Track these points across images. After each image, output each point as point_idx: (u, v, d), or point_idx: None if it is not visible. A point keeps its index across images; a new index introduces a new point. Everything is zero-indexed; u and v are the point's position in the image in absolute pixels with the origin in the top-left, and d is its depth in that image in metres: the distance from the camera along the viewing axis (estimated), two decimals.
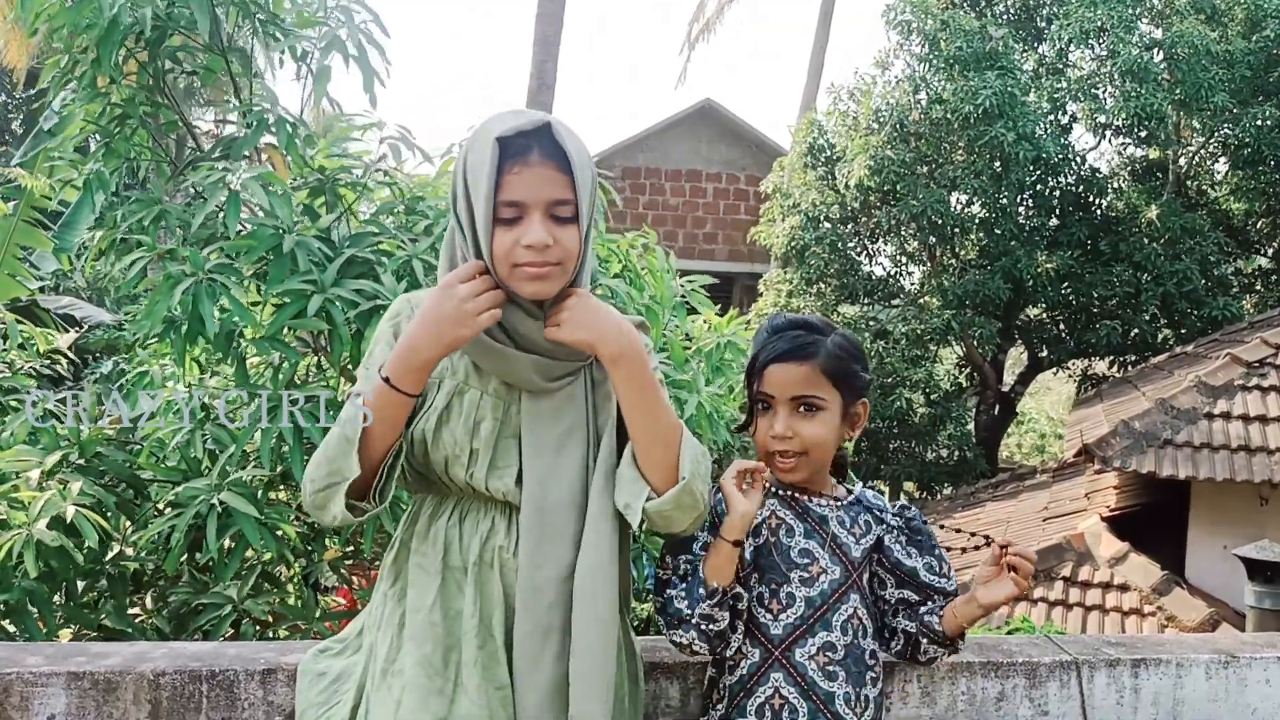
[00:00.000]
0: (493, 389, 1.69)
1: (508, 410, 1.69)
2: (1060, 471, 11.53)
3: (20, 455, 3.09)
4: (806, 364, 1.81)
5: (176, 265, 2.96)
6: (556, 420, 1.68)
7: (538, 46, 13.32)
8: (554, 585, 1.65)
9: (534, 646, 1.65)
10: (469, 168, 1.64)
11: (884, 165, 13.07)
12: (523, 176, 1.60)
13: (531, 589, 1.65)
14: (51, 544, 2.75)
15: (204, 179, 3.08)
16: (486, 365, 1.69)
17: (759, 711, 1.79)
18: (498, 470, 1.67)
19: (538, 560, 1.65)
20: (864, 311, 14.74)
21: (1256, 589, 6.33)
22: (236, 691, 1.98)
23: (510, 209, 1.60)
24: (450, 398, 1.69)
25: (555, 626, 1.65)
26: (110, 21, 3.07)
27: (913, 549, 1.91)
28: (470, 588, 1.67)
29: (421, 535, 1.73)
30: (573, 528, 1.67)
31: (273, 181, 3.10)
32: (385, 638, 1.72)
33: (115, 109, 3.37)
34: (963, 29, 12.75)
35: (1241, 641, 2.52)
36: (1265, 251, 15.06)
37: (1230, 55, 12.53)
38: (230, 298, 2.91)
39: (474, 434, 1.67)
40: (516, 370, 1.67)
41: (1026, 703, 2.26)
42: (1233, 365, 8.52)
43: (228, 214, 2.99)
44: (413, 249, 3.08)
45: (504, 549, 1.69)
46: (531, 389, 1.68)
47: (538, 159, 1.60)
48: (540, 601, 1.65)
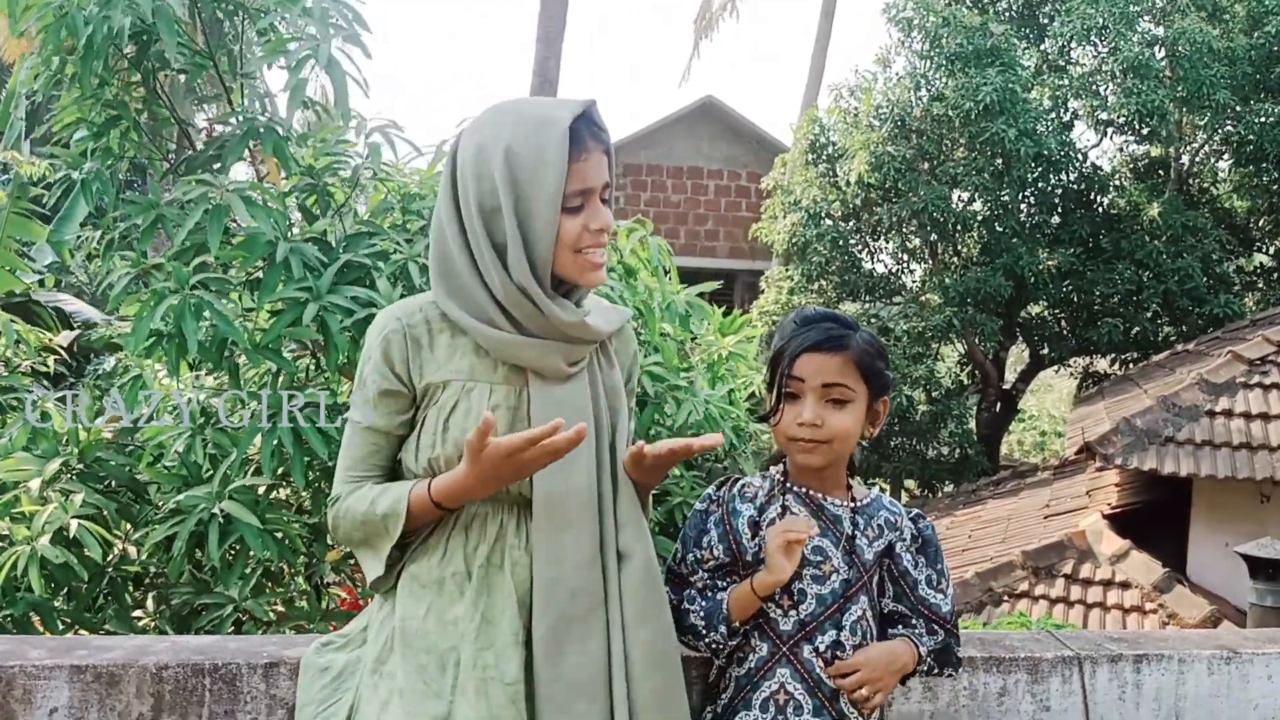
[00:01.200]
0: (501, 377, 1.69)
1: (519, 397, 1.69)
2: (1061, 469, 11.53)
3: (21, 464, 3.07)
4: (839, 355, 1.80)
5: (161, 281, 2.95)
6: (568, 406, 1.68)
7: (540, 43, 13.31)
8: (575, 574, 1.65)
9: (557, 637, 1.65)
10: (518, 157, 1.61)
11: (885, 162, 13.06)
12: (589, 163, 1.63)
13: (550, 581, 1.65)
14: (56, 560, 2.75)
15: (185, 193, 3.07)
16: (508, 355, 1.67)
17: (764, 705, 1.80)
18: None
19: (555, 553, 1.65)
20: (865, 309, 14.72)
21: (1258, 586, 6.33)
22: (239, 685, 1.98)
23: (579, 197, 1.63)
24: (458, 396, 1.68)
25: (578, 615, 1.65)
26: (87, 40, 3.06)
27: (921, 558, 1.92)
28: (472, 591, 1.66)
29: (422, 543, 1.71)
30: (588, 517, 1.67)
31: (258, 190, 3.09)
32: (379, 639, 1.72)
33: (106, 109, 3.35)
34: (964, 26, 12.74)
35: (1244, 637, 2.52)
36: (1267, 249, 15.04)
37: (1232, 52, 12.51)
38: (215, 312, 2.89)
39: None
40: (544, 357, 1.67)
41: (1029, 698, 2.26)
42: (1234, 363, 8.51)
43: (210, 230, 2.97)
44: (408, 251, 3.06)
45: (514, 547, 1.68)
46: (555, 375, 1.69)
47: (595, 144, 1.64)
48: (559, 593, 1.65)
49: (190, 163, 3.44)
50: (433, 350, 1.69)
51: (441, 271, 1.69)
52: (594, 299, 1.80)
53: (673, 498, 3.54)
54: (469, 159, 1.65)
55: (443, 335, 1.70)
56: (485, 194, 1.63)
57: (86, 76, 3.15)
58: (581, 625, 1.66)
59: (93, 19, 3.04)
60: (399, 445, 1.73)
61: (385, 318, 1.73)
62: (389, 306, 1.78)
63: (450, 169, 1.69)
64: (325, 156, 3.33)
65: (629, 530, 1.73)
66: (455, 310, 1.68)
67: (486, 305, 1.66)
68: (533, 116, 1.62)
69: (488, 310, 1.66)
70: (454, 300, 1.68)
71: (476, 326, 1.66)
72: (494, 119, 1.66)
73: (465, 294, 1.67)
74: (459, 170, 1.67)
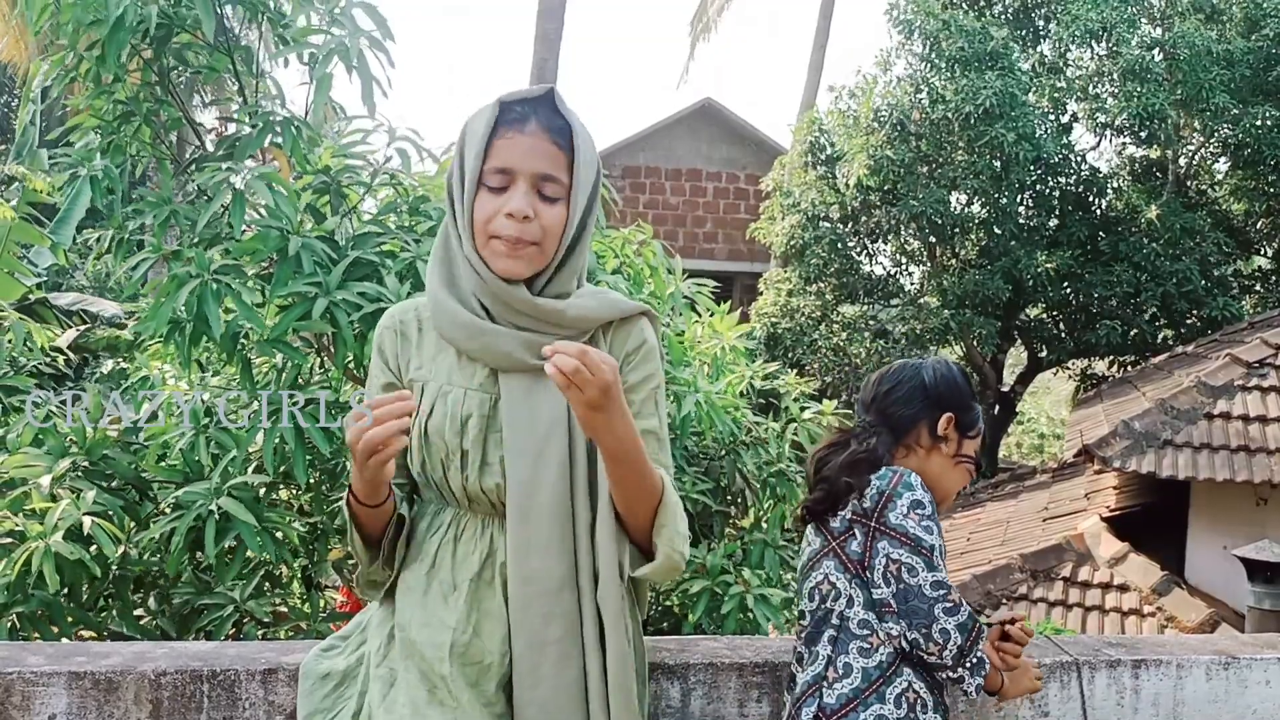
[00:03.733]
0: (477, 384, 1.65)
1: (494, 405, 1.64)
2: (1060, 471, 11.52)
3: (28, 460, 3.08)
4: None
5: (182, 266, 2.96)
6: (538, 406, 1.61)
7: (539, 43, 13.29)
8: (545, 599, 1.60)
9: (530, 661, 1.61)
10: (467, 133, 1.62)
11: (884, 165, 13.07)
12: (515, 143, 1.58)
13: (522, 604, 1.61)
14: (70, 556, 2.75)
15: (209, 179, 3.08)
16: (471, 347, 1.63)
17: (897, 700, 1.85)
18: (489, 467, 1.63)
19: (525, 574, 1.61)
20: (864, 311, 14.73)
21: (1256, 589, 6.33)
22: (237, 691, 1.98)
23: (498, 176, 1.58)
24: (434, 400, 1.66)
25: (551, 640, 1.61)
26: (116, 20, 3.07)
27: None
28: (463, 604, 1.63)
29: (414, 548, 1.70)
30: (559, 536, 1.61)
31: (277, 182, 3.10)
32: (375, 643, 1.71)
33: (119, 106, 3.37)
34: (964, 29, 12.75)
35: (1242, 642, 2.52)
36: (1265, 252, 15.05)
37: (1230, 55, 12.53)
38: (237, 299, 2.91)
39: (463, 434, 1.63)
40: (501, 346, 1.61)
41: (1027, 703, 2.26)
42: (1233, 365, 8.52)
43: (233, 215, 2.99)
44: (416, 250, 3.08)
45: (505, 565, 1.65)
46: (518, 368, 1.62)
47: (534, 128, 1.58)
48: (531, 616, 1.60)
49: (201, 160, 3.46)
50: (419, 347, 1.70)
51: (440, 258, 1.68)
52: (600, 291, 1.73)
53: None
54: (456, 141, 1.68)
55: (430, 333, 1.70)
56: (451, 174, 1.66)
57: (110, 65, 3.16)
58: (556, 648, 1.61)
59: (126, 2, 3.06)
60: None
61: (386, 316, 1.76)
62: (393, 308, 1.80)
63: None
64: (342, 158, 3.34)
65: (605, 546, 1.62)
66: (440, 290, 1.65)
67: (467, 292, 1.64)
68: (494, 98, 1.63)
69: (465, 295, 1.64)
70: (439, 278, 1.67)
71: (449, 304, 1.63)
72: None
73: (457, 283, 1.66)
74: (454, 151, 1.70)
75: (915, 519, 1.83)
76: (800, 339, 14.03)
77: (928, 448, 1.97)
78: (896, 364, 2.06)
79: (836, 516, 1.89)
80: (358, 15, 3.32)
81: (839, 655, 1.86)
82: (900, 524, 1.83)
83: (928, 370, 2.01)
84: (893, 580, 1.82)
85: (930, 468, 1.96)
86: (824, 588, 1.89)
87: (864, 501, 1.86)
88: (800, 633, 1.94)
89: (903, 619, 1.82)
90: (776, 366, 4.79)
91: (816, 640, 1.89)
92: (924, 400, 1.97)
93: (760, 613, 3.19)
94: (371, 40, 3.30)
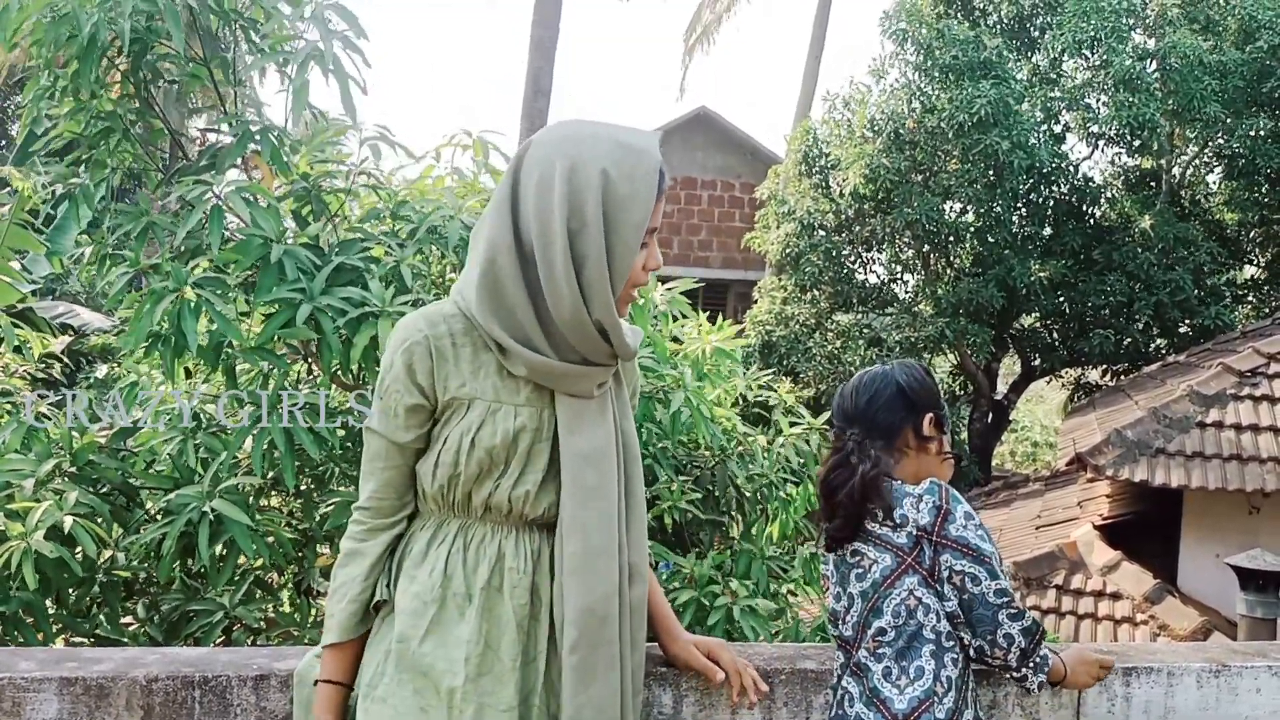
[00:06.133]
0: (524, 399, 1.68)
1: (541, 418, 1.69)
2: (1053, 479, 11.55)
3: (14, 463, 3.08)
4: None
5: (160, 280, 2.95)
6: (592, 419, 1.70)
7: (534, 52, 13.29)
8: (605, 601, 1.67)
9: (590, 666, 1.66)
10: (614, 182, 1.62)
11: (879, 173, 13.10)
12: (661, 205, 1.70)
13: (586, 609, 1.66)
14: (50, 555, 2.75)
15: (188, 192, 3.07)
16: (542, 378, 1.68)
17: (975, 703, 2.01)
18: (525, 478, 1.67)
19: (588, 582, 1.66)
20: (858, 319, 14.75)
21: (1248, 598, 6.35)
22: (229, 697, 1.98)
23: (649, 235, 1.68)
24: (483, 417, 1.66)
25: (603, 642, 1.67)
26: (89, 39, 3.05)
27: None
28: (475, 615, 1.65)
29: (416, 561, 1.70)
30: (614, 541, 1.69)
31: (258, 193, 3.10)
32: (371, 660, 1.70)
33: (98, 121, 3.35)
34: (957, 38, 12.79)
35: (1233, 650, 2.53)
36: (1258, 261, 15.09)
37: (1223, 66, 12.58)
38: (215, 312, 2.90)
39: (512, 447, 1.66)
40: (579, 382, 1.69)
41: (1019, 711, 2.26)
42: (1225, 374, 8.54)
43: (210, 229, 2.98)
44: (399, 254, 3.09)
45: (514, 570, 1.67)
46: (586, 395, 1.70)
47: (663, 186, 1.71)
48: (593, 620, 1.66)
49: (183, 171, 3.46)
50: (456, 364, 1.67)
51: (490, 291, 1.64)
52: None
53: (662, 501, 3.53)
54: (554, 176, 1.60)
55: (465, 349, 1.67)
56: (574, 211, 1.60)
57: (85, 82, 3.15)
58: (607, 650, 1.68)
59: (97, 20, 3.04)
60: (416, 459, 1.72)
61: (408, 328, 1.69)
62: (410, 315, 1.74)
63: (510, 189, 1.64)
64: (320, 164, 3.34)
65: (637, 549, 1.75)
66: (497, 330, 1.64)
67: (530, 328, 1.64)
68: (627, 144, 1.65)
69: (529, 332, 1.64)
70: (496, 319, 1.65)
71: (516, 349, 1.64)
72: (584, 139, 1.64)
73: (510, 315, 1.64)
74: (522, 189, 1.63)
75: (973, 529, 1.94)
76: (795, 347, 14.04)
77: (915, 449, 2.06)
78: (865, 375, 2.12)
79: (899, 532, 1.95)
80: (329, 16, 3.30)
81: (941, 669, 1.93)
82: (961, 535, 1.93)
83: (900, 375, 2.08)
84: (958, 591, 1.92)
85: (923, 467, 2.05)
86: (910, 603, 1.94)
87: (920, 516, 1.94)
88: (875, 648, 1.96)
89: (969, 628, 1.92)
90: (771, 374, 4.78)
91: (910, 655, 1.93)
92: (905, 405, 2.05)
93: (747, 624, 3.14)
94: (345, 41, 3.28)
